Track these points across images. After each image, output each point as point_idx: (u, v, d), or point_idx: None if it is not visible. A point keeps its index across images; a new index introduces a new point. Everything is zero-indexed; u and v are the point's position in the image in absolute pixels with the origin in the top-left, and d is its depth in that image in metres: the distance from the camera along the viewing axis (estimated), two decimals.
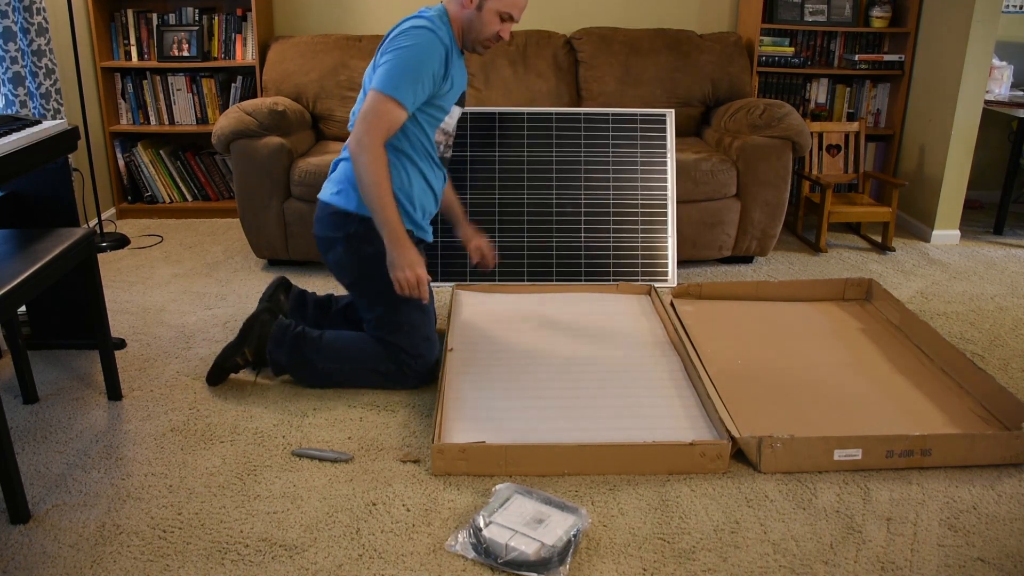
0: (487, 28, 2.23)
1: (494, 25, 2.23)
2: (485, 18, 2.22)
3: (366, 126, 2.09)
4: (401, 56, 2.11)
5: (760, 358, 2.50)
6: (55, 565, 1.65)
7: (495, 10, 2.21)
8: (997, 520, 1.82)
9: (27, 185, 2.51)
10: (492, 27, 2.23)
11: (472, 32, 2.25)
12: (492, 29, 2.24)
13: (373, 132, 2.09)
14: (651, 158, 3.21)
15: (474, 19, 2.23)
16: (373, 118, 2.09)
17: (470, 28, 2.25)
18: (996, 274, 3.43)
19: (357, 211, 2.24)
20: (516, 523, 1.69)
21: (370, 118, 2.09)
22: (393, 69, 2.10)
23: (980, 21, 3.49)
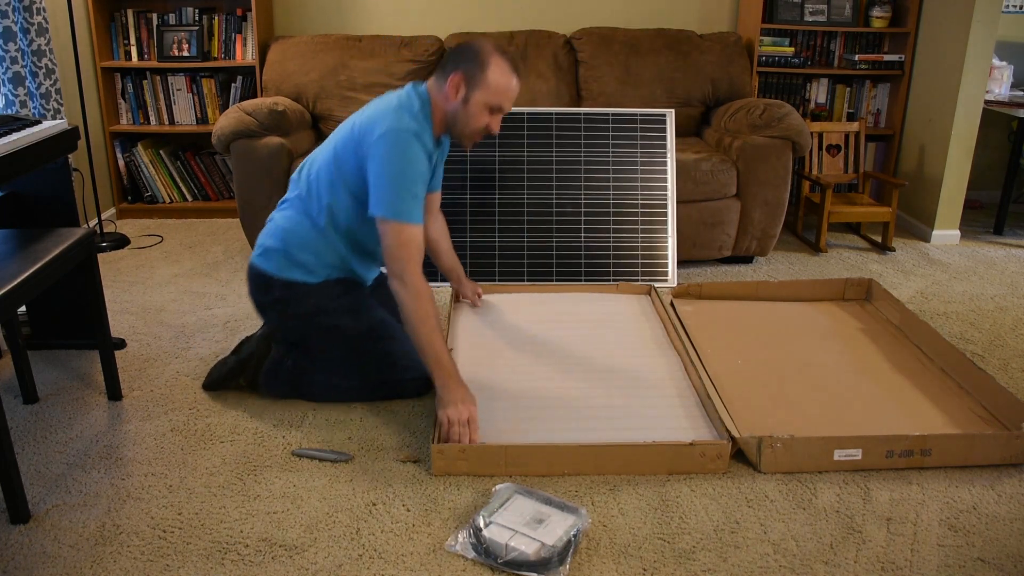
0: (475, 121, 2.08)
1: (482, 119, 2.08)
2: (472, 111, 2.06)
3: (401, 263, 1.99)
4: (394, 173, 1.99)
5: (760, 358, 2.50)
6: (55, 565, 1.65)
7: (483, 102, 2.06)
8: (997, 520, 1.82)
9: (27, 185, 2.51)
10: (480, 121, 2.08)
11: (458, 125, 2.10)
12: (480, 123, 2.09)
13: (409, 265, 1.98)
14: (651, 158, 3.21)
15: (460, 112, 2.07)
16: (402, 251, 1.98)
17: (455, 121, 2.10)
18: (996, 274, 3.43)
19: (279, 275, 2.17)
20: (516, 523, 1.69)
21: (399, 252, 1.99)
22: (392, 189, 1.99)
23: (980, 21, 3.49)
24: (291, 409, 2.25)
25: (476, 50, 2.06)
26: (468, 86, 2.05)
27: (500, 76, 2.05)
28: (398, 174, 1.99)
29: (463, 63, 2.06)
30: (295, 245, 2.17)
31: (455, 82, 2.05)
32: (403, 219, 1.99)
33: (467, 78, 2.05)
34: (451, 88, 2.06)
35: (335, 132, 2.18)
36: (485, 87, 2.05)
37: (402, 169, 1.99)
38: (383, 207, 1.99)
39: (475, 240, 3.12)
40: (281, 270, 2.18)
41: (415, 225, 2.00)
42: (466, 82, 2.05)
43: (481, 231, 3.14)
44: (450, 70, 2.07)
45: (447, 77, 2.07)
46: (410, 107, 2.06)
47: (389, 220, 1.99)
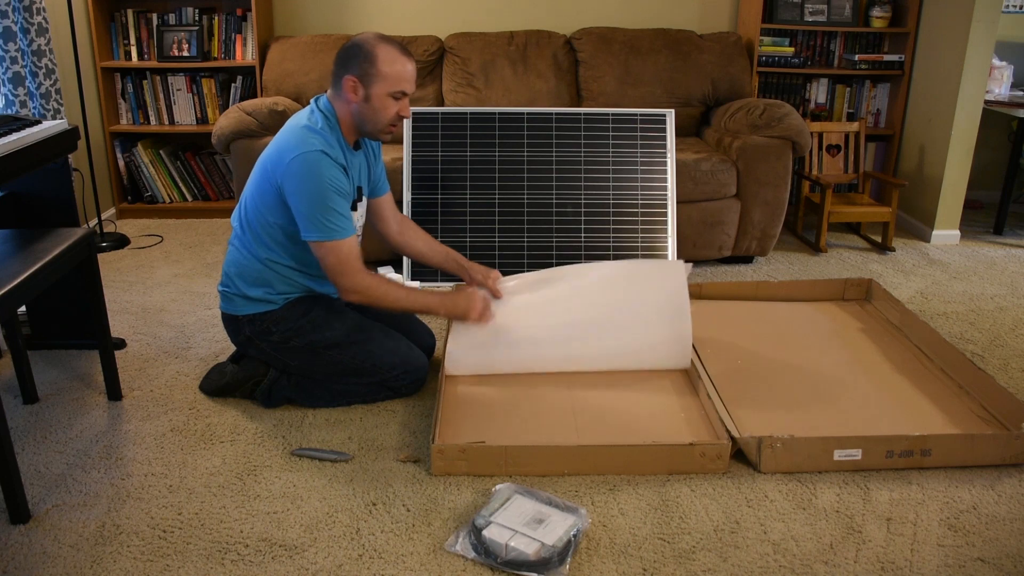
0: (383, 115, 2.08)
1: (390, 109, 2.08)
2: (376, 105, 2.07)
3: (344, 277, 2.06)
4: (310, 195, 2.00)
5: (760, 358, 2.50)
6: (55, 565, 1.65)
7: (384, 94, 2.06)
8: (997, 520, 1.82)
9: (27, 185, 2.51)
10: (388, 112, 2.08)
11: (368, 123, 2.10)
12: (389, 114, 2.09)
13: (353, 275, 2.07)
14: (651, 158, 3.21)
15: (365, 111, 2.08)
16: (342, 266, 2.05)
17: (364, 120, 2.10)
18: (996, 274, 3.43)
19: (242, 313, 2.20)
20: (516, 523, 1.69)
21: (339, 268, 2.05)
22: (314, 211, 2.00)
23: (980, 21, 3.49)
24: (291, 409, 2.25)
25: (360, 45, 2.06)
26: (364, 84, 2.06)
27: (392, 63, 2.05)
28: (315, 195, 2.01)
29: (352, 63, 2.06)
30: (247, 283, 2.18)
31: (351, 84, 2.06)
32: (333, 237, 2.03)
33: (360, 77, 2.05)
34: (348, 92, 2.07)
35: (255, 166, 2.17)
36: (382, 79, 2.05)
37: (317, 189, 2.00)
38: (311, 230, 2.03)
39: (475, 240, 3.12)
40: (242, 308, 2.20)
41: (346, 239, 2.05)
42: (361, 81, 2.06)
43: (481, 231, 3.13)
44: (341, 74, 2.07)
45: (342, 82, 2.07)
46: (313, 125, 2.06)
47: (321, 242, 2.03)
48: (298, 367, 2.23)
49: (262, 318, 2.18)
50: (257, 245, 2.16)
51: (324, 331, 2.19)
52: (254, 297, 2.18)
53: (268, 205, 2.10)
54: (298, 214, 2.04)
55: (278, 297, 2.19)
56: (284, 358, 2.22)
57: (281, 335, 2.18)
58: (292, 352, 2.20)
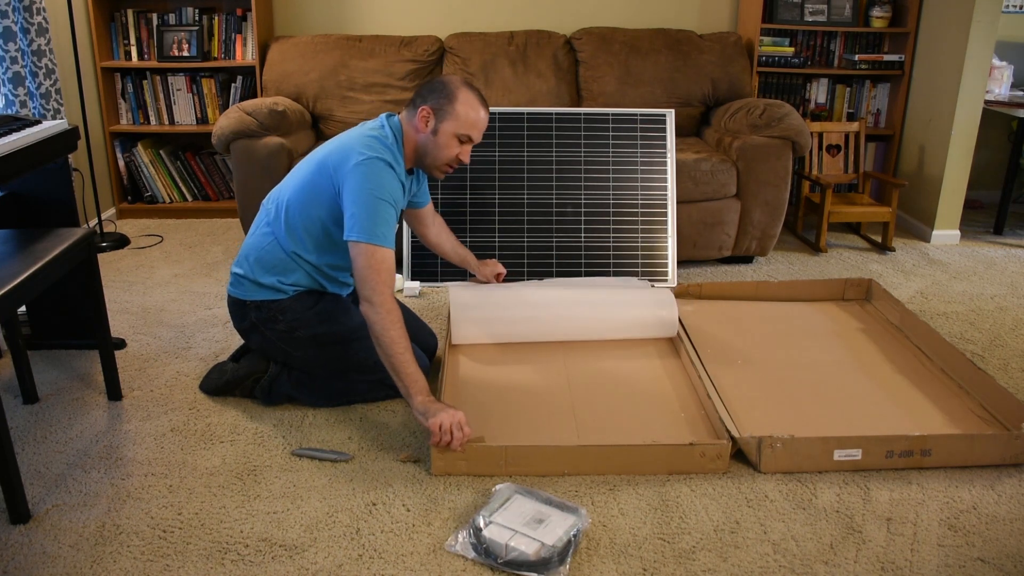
0: (444, 152, 2.13)
1: (452, 149, 2.13)
2: (441, 142, 2.11)
3: (370, 286, 1.99)
4: (368, 198, 2.01)
5: (760, 358, 2.50)
6: (55, 565, 1.65)
7: (452, 133, 2.11)
8: (997, 520, 1.82)
9: (27, 185, 2.51)
10: (450, 151, 2.13)
11: (428, 156, 2.15)
12: (451, 153, 2.13)
13: (379, 287, 1.99)
14: (651, 158, 3.21)
15: (429, 143, 2.13)
16: (372, 274, 2.00)
17: (426, 152, 2.15)
18: (996, 274, 3.43)
19: (251, 298, 2.19)
20: (516, 523, 1.69)
21: (369, 275, 2.00)
22: (365, 214, 2.00)
23: (980, 21, 3.49)
24: (291, 409, 2.25)
25: (445, 83, 2.13)
26: (437, 118, 2.11)
27: (469, 109, 2.11)
28: (372, 199, 2.01)
29: (432, 96, 2.11)
30: (263, 270, 2.18)
31: (424, 115, 2.11)
32: (375, 242, 2.01)
33: (436, 110, 2.11)
34: (420, 120, 2.12)
35: (306, 160, 2.19)
36: (454, 118, 2.10)
37: (376, 195, 2.02)
38: (356, 231, 2.01)
39: (475, 240, 3.12)
40: (251, 294, 2.20)
41: (387, 249, 2.03)
42: (435, 114, 2.11)
43: (481, 231, 3.14)
44: (419, 103, 2.12)
45: (417, 110, 2.12)
46: (383, 138, 2.10)
47: (361, 243, 2.01)
48: (301, 359, 2.23)
49: (270, 306, 2.18)
50: (289, 236, 2.16)
51: (330, 324, 2.19)
52: (266, 284, 2.18)
53: (318, 200, 2.11)
54: (349, 213, 2.03)
55: (288, 287, 2.19)
56: (288, 349, 2.22)
57: (287, 324, 2.18)
58: (296, 343, 2.20)
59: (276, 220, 2.19)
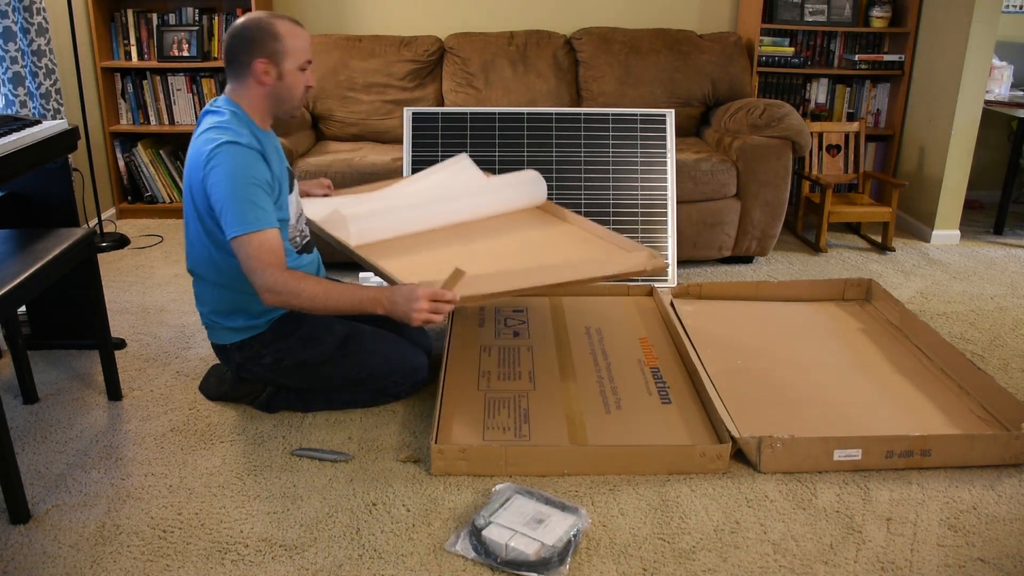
0: (296, 89, 2.06)
1: (301, 82, 2.06)
2: (290, 82, 2.04)
3: (257, 274, 1.90)
4: (224, 192, 1.92)
5: (760, 358, 2.50)
6: (55, 565, 1.65)
7: (295, 68, 2.03)
8: (997, 520, 1.82)
9: (27, 185, 2.51)
10: (300, 85, 2.06)
11: (285, 101, 2.07)
12: (301, 87, 2.07)
13: (264, 271, 1.89)
14: (651, 158, 3.21)
15: (281, 90, 2.04)
16: (254, 262, 1.90)
17: (281, 99, 2.06)
18: (996, 274, 3.43)
19: (229, 342, 2.15)
20: (516, 523, 1.69)
21: (251, 264, 1.90)
22: (231, 206, 1.91)
23: (980, 21, 3.49)
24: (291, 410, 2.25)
25: (258, 27, 2.00)
26: (275, 62, 2.01)
27: (294, 38, 2.01)
28: (232, 187, 1.92)
29: (256, 47, 2.00)
30: (224, 316, 2.13)
31: (263, 67, 2.00)
32: (250, 229, 1.90)
33: (271, 57, 2.01)
34: (262, 75, 2.01)
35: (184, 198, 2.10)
36: (290, 54, 2.01)
37: (235, 182, 1.92)
38: (231, 227, 1.91)
39: None
40: (227, 337, 2.15)
41: (263, 230, 1.91)
42: (272, 61, 2.01)
43: None
44: (246, 59, 2.01)
45: (248, 68, 2.01)
46: (221, 121, 2.00)
47: (239, 237, 1.90)
48: (297, 384, 2.21)
49: (250, 343, 2.14)
50: (219, 275, 2.08)
51: (314, 347, 2.14)
52: (237, 326, 2.13)
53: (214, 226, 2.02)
54: (219, 213, 1.95)
55: (261, 320, 2.12)
56: (280, 379, 2.20)
57: (272, 357, 2.14)
58: (286, 373, 2.17)
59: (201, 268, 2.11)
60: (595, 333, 2.64)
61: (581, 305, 2.88)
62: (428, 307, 1.83)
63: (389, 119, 3.71)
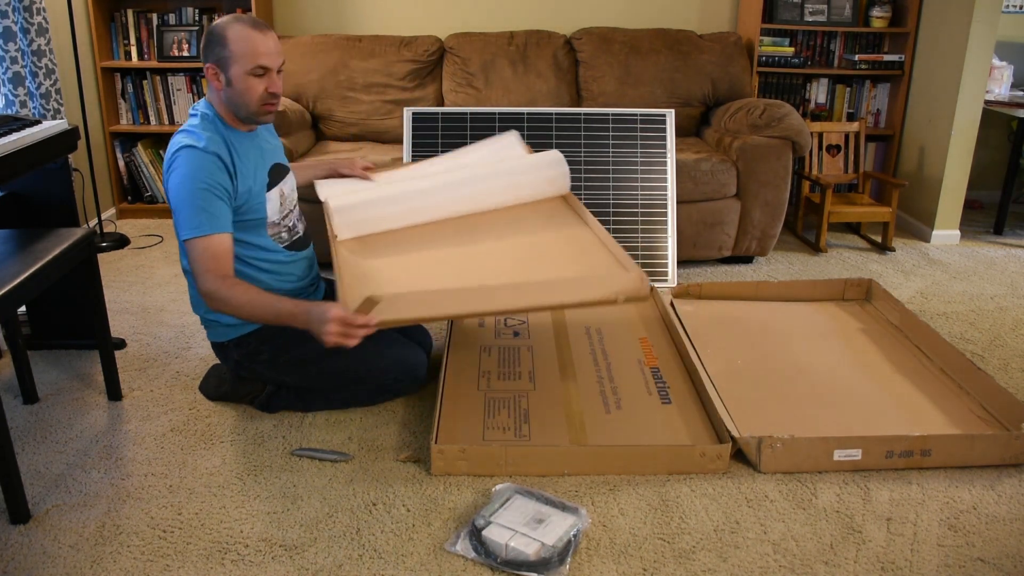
0: (249, 95, 2.00)
1: (255, 87, 2.00)
2: (239, 87, 1.99)
3: (203, 278, 1.93)
4: (178, 196, 1.94)
5: (760, 358, 2.50)
6: (55, 565, 1.65)
7: (242, 73, 1.98)
8: (997, 520, 1.82)
9: (27, 185, 2.51)
10: (254, 90, 2.00)
11: (240, 107, 2.02)
12: (255, 91, 2.00)
13: (204, 277, 1.93)
14: (651, 158, 3.21)
15: (232, 95, 2.00)
16: (196, 266, 1.94)
17: (236, 105, 2.02)
18: (996, 274, 3.43)
19: (227, 339, 2.16)
20: (516, 523, 1.69)
21: (196, 270, 1.94)
22: (180, 212, 1.94)
23: (980, 21, 3.49)
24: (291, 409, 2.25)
25: (212, 31, 2.00)
26: (222, 68, 2.00)
27: (242, 41, 1.97)
28: (185, 194, 1.94)
29: (208, 51, 2.00)
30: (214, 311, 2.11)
31: (212, 72, 2.01)
32: (196, 234, 1.92)
33: (218, 63, 2.00)
34: (213, 81, 2.02)
35: None
36: (236, 60, 1.97)
37: (188, 187, 1.93)
38: (182, 229, 1.94)
39: None
40: (224, 334, 2.16)
41: (206, 236, 1.93)
42: (219, 65, 2.00)
43: None
44: (204, 64, 2.03)
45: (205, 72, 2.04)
46: (190, 125, 2.02)
47: (187, 241, 1.93)
48: (295, 382, 2.21)
49: (248, 340, 2.14)
50: None
51: (311, 343, 2.08)
52: (234, 322, 2.13)
53: None
54: (174, 215, 1.97)
55: None
56: (279, 376, 2.19)
57: (270, 353, 2.14)
58: (284, 369, 2.17)
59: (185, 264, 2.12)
60: (595, 333, 2.65)
61: None
62: (338, 330, 1.77)
63: (389, 119, 3.71)
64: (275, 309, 1.91)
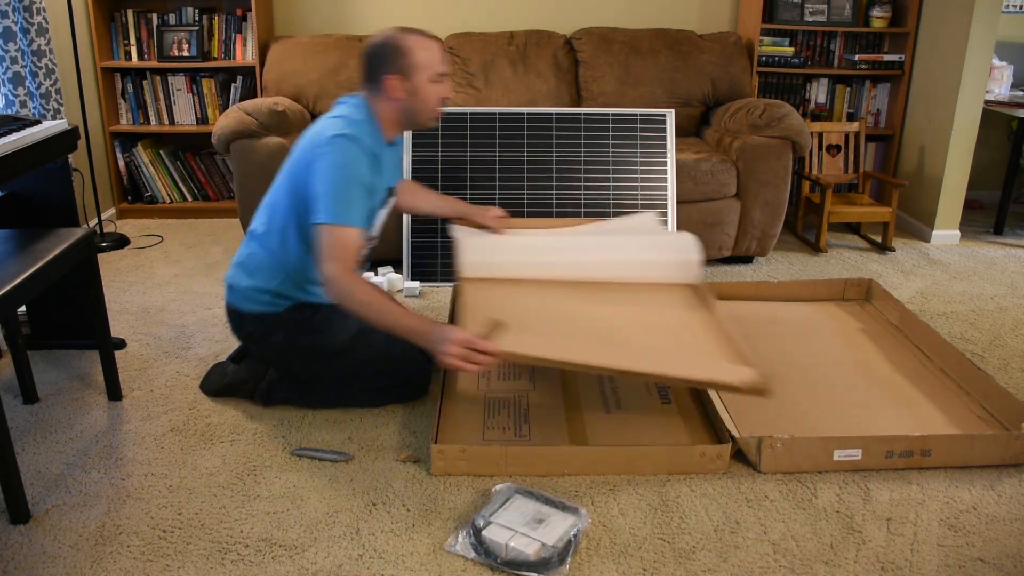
0: (431, 101, 2.10)
1: (435, 94, 2.10)
2: (423, 94, 2.08)
3: (329, 263, 1.95)
4: (332, 180, 1.97)
5: (760, 358, 2.50)
6: (55, 565, 1.65)
7: (426, 80, 2.07)
8: (997, 520, 1.82)
9: (27, 185, 2.51)
10: (434, 96, 2.10)
11: (417, 114, 2.12)
12: (435, 98, 2.11)
13: (336, 263, 1.94)
14: (651, 158, 3.21)
15: (414, 103, 2.09)
16: (330, 251, 1.95)
17: (412, 112, 2.11)
18: (996, 274, 3.43)
19: (247, 310, 2.16)
20: (516, 523, 1.69)
21: (330, 252, 1.95)
22: (330, 195, 1.97)
23: (980, 21, 3.49)
24: (291, 409, 2.25)
25: (388, 43, 2.06)
26: (406, 77, 2.06)
27: (424, 51, 2.06)
28: (337, 180, 1.97)
29: (387, 63, 2.05)
30: (258, 278, 2.15)
31: (393, 84, 2.06)
32: (340, 222, 1.96)
33: (401, 73, 2.06)
34: (393, 92, 2.07)
35: (287, 160, 2.15)
36: (420, 68, 2.06)
37: (340, 175, 1.97)
38: (322, 213, 1.97)
39: None
40: (248, 304, 2.16)
41: (350, 227, 1.97)
42: (403, 76, 2.06)
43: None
44: (379, 76, 2.07)
45: (380, 84, 2.07)
46: (351, 117, 2.06)
47: (325, 225, 1.96)
48: (301, 369, 2.22)
49: (268, 318, 2.16)
50: (282, 248, 2.12)
51: (327, 336, 2.17)
52: (262, 298, 2.15)
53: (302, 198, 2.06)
54: (315, 198, 2.00)
55: (285, 301, 2.16)
56: (286, 361, 2.21)
57: (285, 336, 2.17)
58: (294, 355, 2.19)
59: (268, 227, 2.15)
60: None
61: None
62: (459, 352, 1.80)
63: None
64: (396, 317, 1.92)
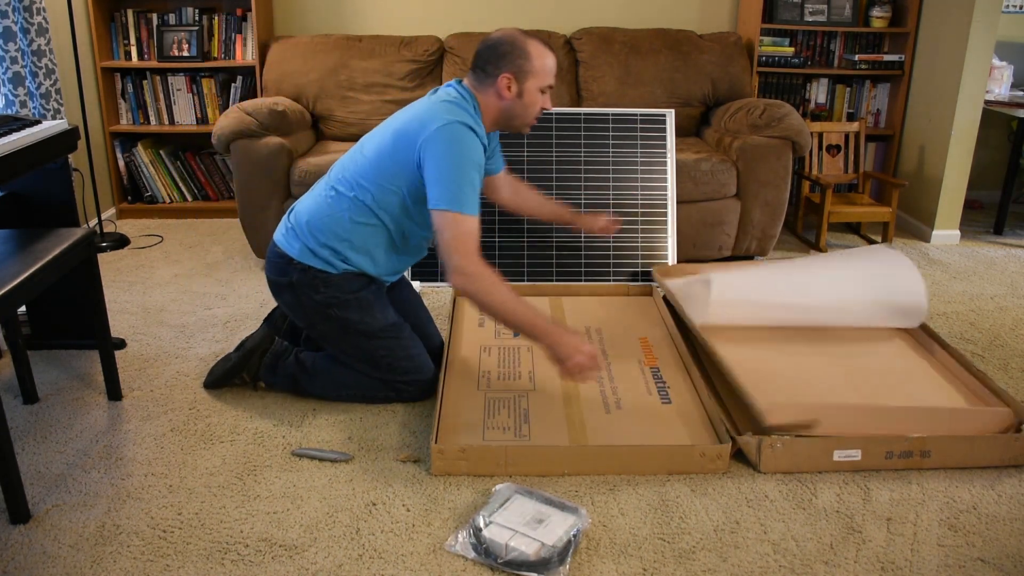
0: (532, 109, 2.16)
1: (538, 103, 2.16)
2: (528, 100, 2.14)
3: (459, 255, 1.96)
4: (452, 164, 1.99)
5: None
6: (55, 565, 1.65)
7: (535, 89, 2.13)
8: (997, 520, 1.82)
9: (27, 185, 2.51)
10: (536, 106, 2.16)
11: (517, 118, 2.17)
12: (537, 107, 2.16)
13: (468, 256, 1.96)
14: (651, 158, 3.21)
15: (516, 106, 2.14)
16: (459, 243, 1.97)
17: (513, 115, 2.16)
18: (996, 274, 3.43)
19: (299, 259, 2.16)
20: (516, 523, 1.69)
21: (456, 244, 1.97)
22: (451, 180, 1.98)
23: (980, 21, 3.49)
24: (291, 409, 2.25)
25: (512, 42, 2.10)
26: (519, 80, 2.11)
27: (543, 59, 2.12)
28: (456, 165, 1.99)
29: (506, 61, 2.10)
30: (324, 233, 2.14)
31: (506, 82, 2.11)
32: (462, 210, 1.98)
33: (515, 74, 2.11)
34: (503, 89, 2.11)
35: (378, 131, 2.17)
36: (535, 75, 2.12)
37: (461, 160, 2.00)
38: (442, 199, 1.99)
39: None
40: (302, 255, 2.16)
41: (472, 216, 1.99)
42: (516, 78, 2.11)
43: (481, 231, 3.13)
44: (493, 71, 2.11)
45: (493, 79, 2.11)
46: (461, 102, 2.10)
47: (448, 212, 1.97)
48: (320, 333, 2.22)
49: (317, 274, 2.15)
50: (356, 210, 2.13)
51: (364, 314, 2.17)
52: (319, 254, 2.14)
53: (397, 173, 2.08)
54: (432, 181, 2.00)
55: (340, 264, 2.15)
56: (312, 319, 2.20)
57: (325, 298, 2.15)
58: (326, 318, 2.18)
59: (344, 193, 2.14)
60: (595, 333, 2.64)
61: (581, 305, 2.88)
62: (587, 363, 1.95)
63: None
64: (529, 317, 1.97)
